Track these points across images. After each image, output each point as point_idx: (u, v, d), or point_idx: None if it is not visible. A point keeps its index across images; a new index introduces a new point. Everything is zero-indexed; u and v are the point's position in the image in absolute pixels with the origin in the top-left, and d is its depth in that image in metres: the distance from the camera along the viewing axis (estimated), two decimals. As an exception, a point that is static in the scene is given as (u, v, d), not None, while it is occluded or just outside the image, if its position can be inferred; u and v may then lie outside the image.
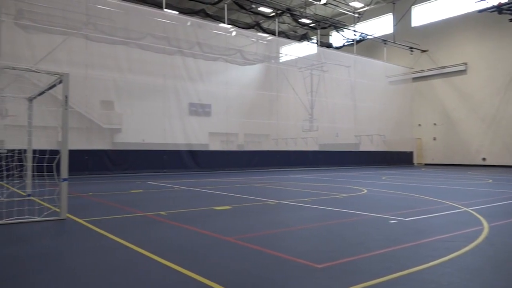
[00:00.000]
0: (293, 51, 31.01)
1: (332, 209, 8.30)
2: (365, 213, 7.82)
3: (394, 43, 31.41)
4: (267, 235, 5.96)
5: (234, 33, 26.54)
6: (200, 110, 24.95)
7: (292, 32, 32.78)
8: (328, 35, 35.17)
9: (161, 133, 21.92)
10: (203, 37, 23.93)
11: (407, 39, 31.73)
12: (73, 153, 7.43)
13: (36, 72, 7.00)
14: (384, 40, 31.69)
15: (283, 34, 30.51)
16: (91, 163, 18.41)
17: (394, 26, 32.56)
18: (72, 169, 7.27)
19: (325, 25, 31.00)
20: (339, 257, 4.64)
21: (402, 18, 31.78)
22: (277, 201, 9.55)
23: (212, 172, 21.61)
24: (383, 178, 17.79)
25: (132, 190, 12.40)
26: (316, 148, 28.95)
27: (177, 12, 24.55)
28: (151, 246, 5.03)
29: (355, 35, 31.58)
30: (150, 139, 22.08)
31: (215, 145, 26.41)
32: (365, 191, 11.95)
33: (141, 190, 12.26)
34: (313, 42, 31.66)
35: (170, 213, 7.73)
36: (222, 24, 25.52)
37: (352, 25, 32.41)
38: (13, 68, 6.68)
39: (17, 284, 3.74)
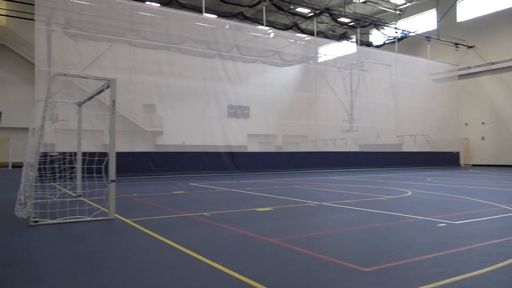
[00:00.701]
0: (332, 51, 30.63)
1: (376, 212, 8.10)
2: (411, 215, 7.56)
3: (438, 39, 30.27)
4: (310, 237, 5.90)
5: (272, 35, 26.58)
6: (238, 112, 25.17)
7: (330, 32, 32.37)
8: (368, 33, 34.45)
9: (201, 135, 22.31)
10: (242, 40, 24.15)
11: (452, 35, 30.47)
12: (118, 155, 7.70)
13: (86, 78, 7.31)
14: (427, 36, 30.61)
15: (321, 34, 30.21)
16: (135, 165, 19.02)
17: (437, 22, 31.38)
18: (117, 171, 7.53)
19: (365, 23, 30.39)
20: (386, 261, 4.52)
21: (447, 13, 30.58)
22: (319, 203, 9.44)
23: (251, 174, 21.72)
24: (428, 179, 17.16)
25: (175, 191, 12.68)
26: (356, 149, 28.40)
27: (215, 16, 24.92)
28: (196, 247, 5.12)
29: (396, 32, 30.74)
30: (190, 141, 22.50)
31: (254, 147, 26.54)
32: (410, 193, 11.57)
33: (183, 192, 12.52)
34: (352, 41, 31.12)
35: (213, 214, 7.83)
36: (260, 26, 25.63)
37: (393, 22, 31.56)
38: (65, 75, 7.02)
39: (69, 281, 3.91)
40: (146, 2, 22.06)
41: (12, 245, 5.43)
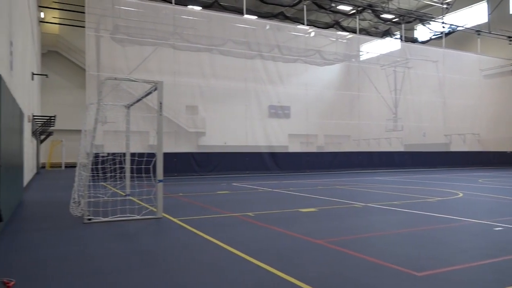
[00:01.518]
0: (375, 48, 29.86)
1: (425, 214, 7.81)
2: (464, 218, 7.23)
3: (489, 33, 28.71)
4: (358, 239, 5.78)
5: (313, 34, 26.33)
6: (279, 112, 25.13)
7: (373, 29, 31.54)
8: (412, 29, 33.24)
9: (242, 136, 22.50)
10: (282, 40, 24.11)
11: (504, 28, 28.78)
12: (163, 156, 7.88)
13: (134, 81, 7.56)
14: (477, 30, 29.13)
15: (364, 31, 29.49)
16: (179, 165, 19.46)
17: (488, 14, 29.77)
18: (163, 171, 7.72)
19: (410, 19, 29.37)
20: (440, 265, 4.33)
21: (499, 5, 28.96)
22: (364, 204, 9.24)
23: (292, 174, 21.62)
24: (479, 180, 16.33)
25: (218, 191, 12.86)
26: (401, 149, 27.52)
27: (256, 17, 25.03)
28: (242, 246, 5.15)
29: (443, 27, 29.47)
30: (232, 141, 22.73)
31: (295, 147, 26.37)
32: (461, 194, 11.06)
33: (227, 192, 12.67)
34: (396, 38, 30.16)
35: (257, 214, 7.86)
36: (300, 26, 25.45)
37: (440, 17, 30.27)
38: (115, 79, 7.30)
39: (123, 277, 4.06)
40: (188, 6, 22.54)
41: (68, 242, 5.72)
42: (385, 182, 16.21)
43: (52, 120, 20.69)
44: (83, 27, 20.18)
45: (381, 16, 28.72)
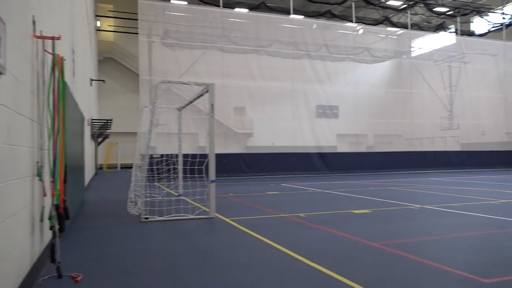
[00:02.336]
0: (428, 43, 28.61)
1: (489, 217, 7.35)
2: (532, 222, 6.73)
3: (555, 22, 26.62)
4: (415, 242, 5.55)
5: (361, 31, 25.73)
6: (327, 111, 24.75)
7: (425, 23, 30.26)
8: (469, 22, 31.52)
9: (290, 136, 22.42)
10: (330, 38, 23.77)
11: None
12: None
13: (186, 84, 7.76)
14: (541, 20, 27.10)
15: (415, 26, 28.39)
16: (228, 166, 19.74)
17: (554, 2, 27.61)
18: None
19: (466, 11, 27.87)
20: (510, 272, 4.06)
21: None
22: (420, 206, 8.87)
23: (341, 175, 21.23)
24: (547, 181, 15.17)
25: (268, 191, 12.89)
26: (457, 148, 26.16)
27: (302, 16, 24.86)
28: (295, 247, 5.12)
29: (503, 18, 27.68)
30: (280, 142, 22.71)
31: (344, 147, 25.85)
32: (527, 196, 10.33)
33: (276, 192, 12.67)
34: (451, 32, 28.74)
35: (309, 215, 7.79)
36: (348, 23, 24.96)
37: (500, 7, 28.46)
38: (169, 82, 7.52)
39: (179, 275, 4.16)
40: (235, 9, 22.83)
41: (128, 239, 5.97)
42: (441, 183, 15.48)
43: (109, 124, 21.75)
44: (136, 33, 21.05)
45: (434, 9, 27.48)
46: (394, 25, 27.41)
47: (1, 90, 2.77)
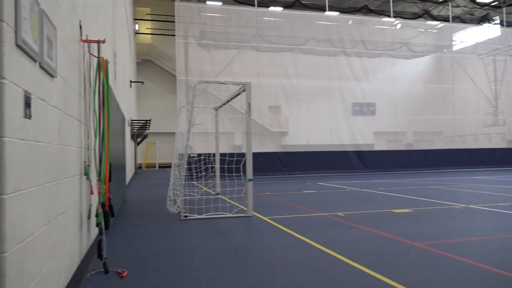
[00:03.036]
0: (470, 36, 27.43)
1: (541, 217, 6.95)
2: None
3: None
4: (462, 243, 5.33)
5: (399, 26, 25.02)
6: (364, 109, 24.26)
7: (468, 16, 29.02)
8: (515, 12, 29.96)
9: (326, 134, 22.17)
10: (366, 34, 23.30)
11: None
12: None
13: (224, 83, 7.82)
14: None
15: (457, 19, 27.27)
16: (264, 165, 19.77)
17: None
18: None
19: (512, 1, 26.50)
20: None
21: None
22: (465, 206, 8.52)
23: (379, 173, 20.77)
24: None
25: (304, 190, 12.80)
26: (503, 146, 24.94)
27: (338, 13, 24.49)
28: (335, 246, 5.05)
29: (553, 7, 26.09)
30: (316, 140, 22.51)
31: (381, 145, 25.25)
32: None
33: (313, 191, 12.56)
34: (495, 23, 27.40)
35: (348, 214, 7.67)
36: (385, 18, 24.35)
37: (549, -4, 26.86)
38: (207, 82, 7.61)
39: (219, 273, 4.20)
40: (270, 8, 22.81)
41: (168, 237, 6.10)
42: (486, 181, 14.81)
43: (148, 124, 22.33)
44: (172, 35, 21.47)
45: (477, 1, 26.30)
46: (434, 18, 26.44)
47: (53, 93, 2.90)
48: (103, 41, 4.40)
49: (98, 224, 4.33)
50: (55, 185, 2.93)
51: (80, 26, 4.10)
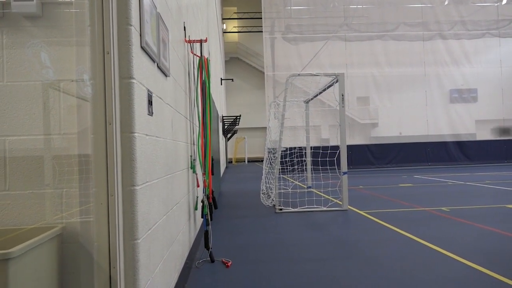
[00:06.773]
0: None
1: None
2: None
3: None
4: None
5: (505, 1, 22.43)
6: (464, 95, 22.26)
7: None
8: None
9: (421, 124, 20.82)
10: (466, 13, 21.31)
11: None
12: (338, 149, 7.84)
13: (317, 75, 7.73)
14: None
15: None
16: (354, 158, 19.23)
17: None
18: (339, 164, 7.69)
19: None
20: None
21: None
22: None
23: (484, 165, 18.96)
24: None
25: (400, 184, 12.17)
26: None
27: (432, -7, 22.76)
28: (444, 243, 4.70)
29: None
30: (409, 131, 21.25)
31: (484, 134, 22.97)
32: None
33: (410, 184, 11.89)
34: None
35: (453, 209, 7.11)
36: (489, -6, 22.02)
37: None
38: (299, 75, 7.58)
39: (321, 266, 4.15)
40: (357, -5, 22.00)
41: (266, 229, 6.21)
42: None
43: (238, 120, 23.04)
44: (258, 31, 21.83)
45: None
46: (549, -12, 23.22)
47: (167, 91, 3.10)
48: (205, 40, 4.60)
49: (203, 215, 4.56)
50: (170, 177, 3.14)
51: (184, 28, 4.33)
